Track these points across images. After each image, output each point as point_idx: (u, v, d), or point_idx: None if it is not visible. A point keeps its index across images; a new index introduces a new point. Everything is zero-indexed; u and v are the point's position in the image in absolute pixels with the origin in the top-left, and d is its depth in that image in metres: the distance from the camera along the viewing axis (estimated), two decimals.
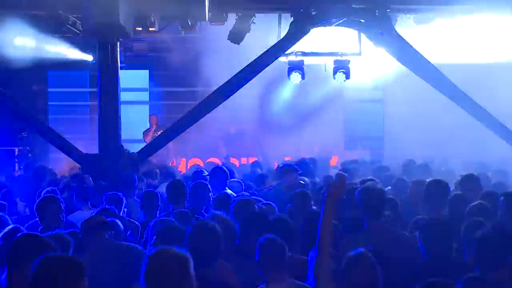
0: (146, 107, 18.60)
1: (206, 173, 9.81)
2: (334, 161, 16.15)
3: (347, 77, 13.35)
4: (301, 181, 9.36)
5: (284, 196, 8.29)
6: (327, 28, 12.28)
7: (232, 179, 9.78)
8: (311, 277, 4.92)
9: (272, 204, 7.43)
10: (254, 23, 12.42)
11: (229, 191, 8.77)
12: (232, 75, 12.19)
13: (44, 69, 16.97)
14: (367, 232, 6.16)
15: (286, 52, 12.86)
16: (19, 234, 4.99)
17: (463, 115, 12.84)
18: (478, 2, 12.02)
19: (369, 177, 8.93)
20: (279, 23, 12.78)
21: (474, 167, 11.41)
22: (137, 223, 7.96)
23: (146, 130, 16.44)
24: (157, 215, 7.86)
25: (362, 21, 12.12)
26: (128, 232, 7.21)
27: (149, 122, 16.71)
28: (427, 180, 7.77)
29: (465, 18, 12.67)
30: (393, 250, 5.73)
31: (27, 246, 4.35)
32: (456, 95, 12.42)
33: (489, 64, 13.98)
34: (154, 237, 5.86)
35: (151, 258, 3.93)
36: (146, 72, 18.50)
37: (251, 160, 16.21)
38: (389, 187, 9.13)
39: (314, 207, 7.15)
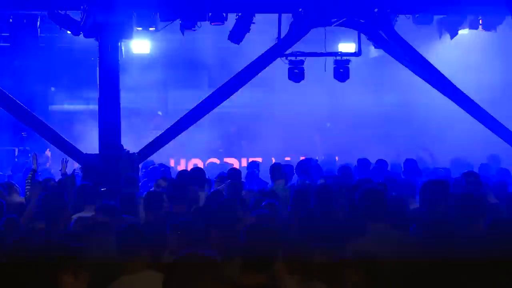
0: None
1: None
2: None
3: (347, 77, 13.34)
4: None
5: None
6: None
7: None
8: None
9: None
10: (254, 23, 12.41)
11: None
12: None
13: (44, 69, 16.93)
14: (370, 237, 5.74)
15: (286, 52, 12.87)
16: None
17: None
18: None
19: None
20: (279, 23, 12.77)
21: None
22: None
23: None
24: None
25: (362, 21, 12.11)
26: None
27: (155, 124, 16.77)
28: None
29: None
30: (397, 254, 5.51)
31: None
32: (456, 95, 12.42)
33: None
34: None
35: None
36: None
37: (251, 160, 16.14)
38: None
39: None
